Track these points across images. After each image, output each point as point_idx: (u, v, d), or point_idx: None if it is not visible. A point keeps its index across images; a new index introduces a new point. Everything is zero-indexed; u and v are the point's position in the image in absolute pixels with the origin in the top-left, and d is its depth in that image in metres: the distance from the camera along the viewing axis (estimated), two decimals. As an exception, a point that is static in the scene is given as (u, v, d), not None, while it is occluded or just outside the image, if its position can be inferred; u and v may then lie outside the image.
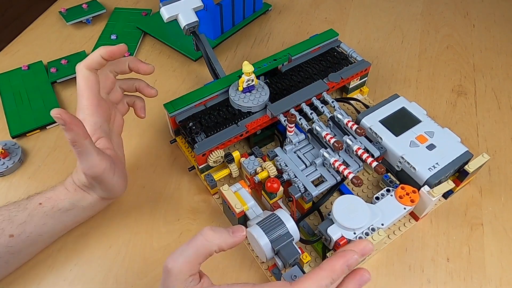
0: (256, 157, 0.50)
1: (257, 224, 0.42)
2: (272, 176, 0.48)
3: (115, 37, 0.73)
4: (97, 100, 0.45)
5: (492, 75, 0.69)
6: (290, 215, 0.43)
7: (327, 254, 0.45)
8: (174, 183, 0.54)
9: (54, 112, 0.36)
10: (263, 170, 0.49)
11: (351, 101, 0.62)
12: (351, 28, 0.78)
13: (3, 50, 0.72)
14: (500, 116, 0.63)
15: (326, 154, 0.48)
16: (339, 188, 0.50)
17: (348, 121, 0.51)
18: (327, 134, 0.49)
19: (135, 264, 0.47)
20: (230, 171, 0.51)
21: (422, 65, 0.71)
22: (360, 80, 0.61)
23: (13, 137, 0.58)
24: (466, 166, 0.49)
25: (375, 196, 0.48)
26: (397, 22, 0.79)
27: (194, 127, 0.50)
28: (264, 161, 0.50)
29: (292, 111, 0.53)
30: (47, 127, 0.60)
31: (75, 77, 0.64)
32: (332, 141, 0.48)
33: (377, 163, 0.47)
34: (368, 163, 0.47)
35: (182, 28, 0.56)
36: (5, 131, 0.59)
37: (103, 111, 0.45)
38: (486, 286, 0.46)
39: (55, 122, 0.60)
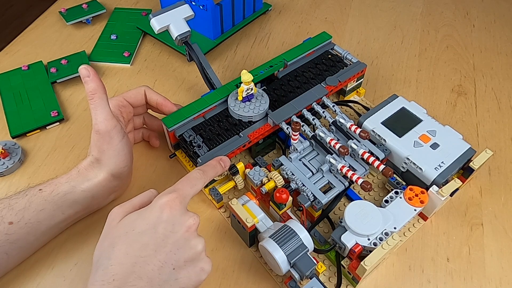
0: (260, 167, 0.50)
1: (269, 237, 0.42)
2: (280, 186, 0.47)
3: (115, 37, 0.73)
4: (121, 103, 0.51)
5: (492, 75, 0.69)
6: (301, 224, 0.43)
7: (342, 263, 0.45)
8: (174, 183, 0.54)
9: (83, 66, 0.42)
10: (269, 180, 0.48)
11: (350, 104, 0.62)
12: (351, 28, 0.78)
13: (3, 50, 0.72)
14: (500, 116, 0.63)
15: (332, 160, 0.48)
16: (346, 193, 0.50)
17: (351, 125, 0.50)
18: (331, 140, 0.49)
19: (135, 264, 0.47)
20: (235, 183, 0.50)
21: (422, 65, 0.71)
22: (356, 81, 0.61)
23: (13, 137, 0.58)
24: (471, 163, 0.49)
25: (384, 199, 0.47)
26: (397, 22, 0.79)
27: (195, 141, 0.50)
28: (269, 171, 0.50)
29: (294, 118, 0.52)
30: (47, 127, 0.60)
31: (75, 77, 0.65)
32: (337, 146, 0.48)
33: (384, 166, 0.46)
34: (375, 166, 0.47)
35: (174, 39, 0.55)
36: (5, 131, 0.59)
37: (123, 112, 0.51)
38: (486, 286, 0.46)
39: (55, 122, 0.60)
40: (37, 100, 0.62)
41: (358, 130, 0.49)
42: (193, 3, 0.67)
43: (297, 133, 0.49)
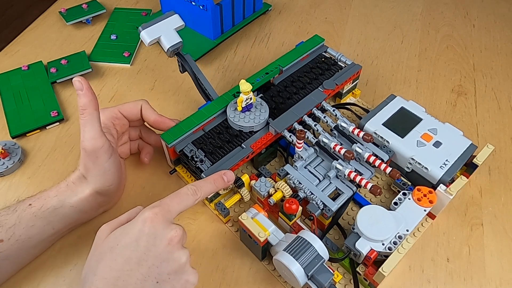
0: (265, 177, 0.49)
1: (284, 250, 0.41)
2: (288, 196, 0.46)
3: (115, 37, 0.73)
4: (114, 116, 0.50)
5: (492, 75, 0.69)
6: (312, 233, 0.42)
7: (357, 269, 0.44)
8: (174, 184, 0.54)
9: (77, 78, 0.41)
10: (276, 190, 0.47)
11: (348, 106, 0.61)
12: (351, 28, 0.78)
13: (3, 50, 0.72)
14: (500, 116, 0.63)
15: (339, 166, 0.47)
16: (353, 197, 0.49)
17: (354, 129, 0.50)
18: (336, 145, 0.48)
19: (135, 264, 0.47)
20: (241, 196, 0.49)
21: (422, 65, 0.71)
22: (352, 83, 0.61)
23: (13, 137, 0.58)
24: (474, 159, 0.49)
25: (393, 201, 0.47)
26: (397, 22, 0.79)
27: (196, 155, 0.49)
28: (275, 181, 0.48)
29: (297, 125, 0.51)
30: (47, 127, 0.60)
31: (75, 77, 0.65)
32: (342, 151, 0.47)
33: (391, 168, 0.46)
34: (382, 169, 0.47)
35: (166, 50, 0.53)
36: (5, 131, 0.59)
37: (116, 124, 0.50)
38: (486, 286, 0.46)
39: (55, 122, 0.60)
40: (37, 100, 0.62)
41: (362, 134, 0.49)
42: (193, 3, 0.67)
43: (302, 141, 0.47)
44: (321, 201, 0.46)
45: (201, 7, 0.66)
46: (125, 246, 0.36)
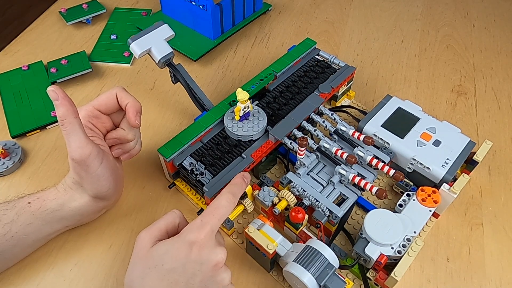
0: (268, 186, 0.48)
1: (293, 261, 0.40)
2: (293, 205, 0.46)
3: (115, 37, 0.73)
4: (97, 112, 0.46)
5: (492, 75, 0.69)
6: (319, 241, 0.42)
7: (368, 275, 0.44)
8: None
9: (51, 88, 0.39)
10: (280, 200, 0.47)
11: (345, 109, 0.61)
12: (351, 28, 0.78)
13: (3, 50, 0.72)
14: (500, 116, 0.63)
15: (342, 171, 0.46)
16: (357, 201, 0.49)
17: (354, 132, 0.50)
18: (337, 150, 0.48)
19: (135, 264, 0.47)
20: (245, 207, 0.48)
21: (422, 65, 0.71)
22: (347, 85, 0.61)
23: (13, 137, 0.58)
24: (474, 156, 0.49)
25: (398, 203, 0.47)
26: (397, 22, 0.79)
27: (196, 168, 0.48)
28: (277, 189, 0.48)
29: (296, 132, 0.51)
30: (47, 127, 0.60)
31: (75, 77, 0.65)
32: (344, 156, 0.47)
33: (394, 170, 0.46)
34: (385, 172, 0.46)
35: (157, 62, 0.52)
36: (5, 131, 0.59)
37: (96, 124, 0.46)
38: (486, 286, 0.46)
39: (55, 122, 0.60)
40: (37, 100, 0.62)
41: (362, 137, 0.49)
42: (193, 3, 0.67)
43: (304, 148, 0.47)
44: (326, 207, 0.45)
45: (201, 7, 0.66)
46: (171, 269, 0.36)
